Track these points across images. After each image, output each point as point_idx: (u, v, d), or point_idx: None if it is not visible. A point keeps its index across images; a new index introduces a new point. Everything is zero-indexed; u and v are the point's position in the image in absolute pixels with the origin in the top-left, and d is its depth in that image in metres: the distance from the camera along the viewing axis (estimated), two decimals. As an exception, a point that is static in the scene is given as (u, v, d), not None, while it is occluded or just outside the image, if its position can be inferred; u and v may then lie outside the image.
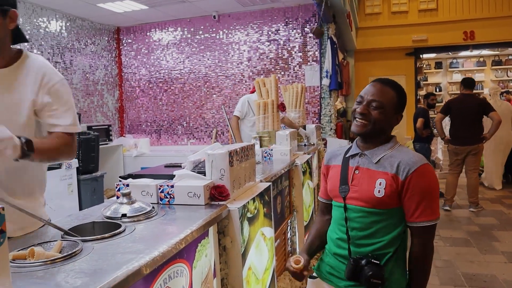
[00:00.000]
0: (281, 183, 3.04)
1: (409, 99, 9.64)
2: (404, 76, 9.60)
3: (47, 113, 1.72)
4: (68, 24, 5.90)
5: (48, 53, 5.48)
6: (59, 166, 4.78)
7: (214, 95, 6.71)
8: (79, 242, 1.32)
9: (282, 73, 6.36)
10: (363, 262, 1.40)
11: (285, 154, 3.46)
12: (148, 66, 6.98)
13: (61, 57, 5.72)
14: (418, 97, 9.60)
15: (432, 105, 6.67)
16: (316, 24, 5.66)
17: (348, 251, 1.48)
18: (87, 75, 6.27)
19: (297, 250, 3.46)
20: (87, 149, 5.16)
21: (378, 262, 1.40)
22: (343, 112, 8.52)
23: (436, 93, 11.16)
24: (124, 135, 7.11)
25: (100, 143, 5.78)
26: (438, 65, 11.81)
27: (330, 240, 1.59)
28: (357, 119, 1.50)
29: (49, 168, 4.72)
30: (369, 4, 9.20)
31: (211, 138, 6.77)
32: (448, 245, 4.36)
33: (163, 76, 6.93)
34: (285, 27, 6.29)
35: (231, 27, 6.52)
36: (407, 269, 1.51)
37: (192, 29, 6.69)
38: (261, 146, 3.76)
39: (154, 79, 6.98)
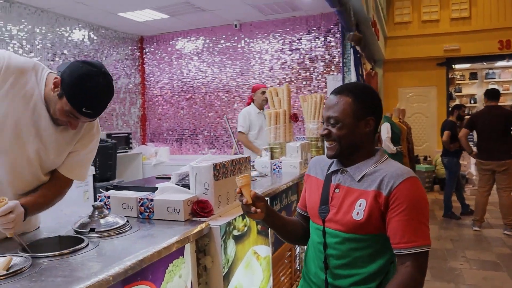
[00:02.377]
0: (286, 197, 2.89)
1: (440, 110, 9.29)
2: (435, 87, 9.23)
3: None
4: (91, 33, 5.98)
5: (70, 61, 5.55)
6: (75, 173, 4.79)
7: (235, 105, 6.63)
8: (28, 259, 1.23)
9: (304, 83, 6.21)
10: None
11: (294, 167, 3.31)
12: (170, 75, 7.00)
13: (83, 65, 5.80)
14: (450, 108, 9.20)
15: (462, 117, 6.35)
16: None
17: (325, 283, 1.30)
18: (109, 83, 6.34)
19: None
20: (104, 157, 5.17)
21: None
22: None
23: (470, 104, 10.69)
24: (145, 143, 7.13)
25: (119, 151, 5.80)
26: (473, 75, 11.28)
27: (307, 265, 1.42)
28: (325, 142, 1.37)
29: (65, 175, 4.78)
30: (398, 13, 8.93)
31: (232, 148, 6.68)
32: (475, 268, 4.05)
33: (185, 85, 6.92)
34: (307, 36, 6.15)
35: (253, 36, 6.44)
36: None
37: (213, 38, 6.66)
38: (272, 158, 3.62)
39: (176, 88, 6.98)
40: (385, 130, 6.09)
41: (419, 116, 9.41)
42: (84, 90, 1.42)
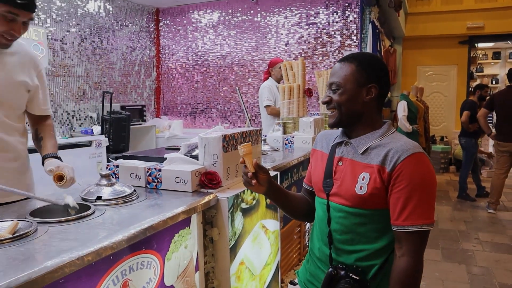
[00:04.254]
0: (297, 172, 2.86)
1: (460, 90, 9.06)
2: (456, 66, 8.99)
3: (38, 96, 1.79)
4: (106, 4, 5.93)
5: (85, 32, 5.54)
6: (89, 144, 4.83)
7: (250, 79, 6.56)
8: (33, 223, 1.23)
9: (320, 58, 6.08)
10: (342, 273, 1.19)
11: (306, 142, 3.27)
12: (185, 48, 6.93)
13: (98, 37, 5.77)
14: (470, 88, 8.96)
15: (484, 97, 6.17)
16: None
17: (329, 258, 1.28)
18: (124, 55, 6.31)
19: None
20: (118, 129, 5.19)
21: (357, 278, 1.19)
22: (388, 102, 8.11)
23: (492, 85, 10.37)
24: (159, 116, 7.13)
25: (133, 124, 5.82)
26: (497, 55, 10.91)
27: (313, 241, 1.39)
28: (327, 110, 1.32)
29: (79, 146, 4.82)
30: (421, -12, 8.63)
31: (245, 123, 6.64)
32: (488, 250, 4.00)
33: (200, 59, 6.85)
34: (325, 10, 5.99)
35: (270, 10, 6.30)
36: None
37: (230, 11, 6.54)
38: (284, 133, 3.58)
39: (191, 61, 6.92)
40: (401, 108, 5.97)
41: (438, 96, 9.21)
42: None
